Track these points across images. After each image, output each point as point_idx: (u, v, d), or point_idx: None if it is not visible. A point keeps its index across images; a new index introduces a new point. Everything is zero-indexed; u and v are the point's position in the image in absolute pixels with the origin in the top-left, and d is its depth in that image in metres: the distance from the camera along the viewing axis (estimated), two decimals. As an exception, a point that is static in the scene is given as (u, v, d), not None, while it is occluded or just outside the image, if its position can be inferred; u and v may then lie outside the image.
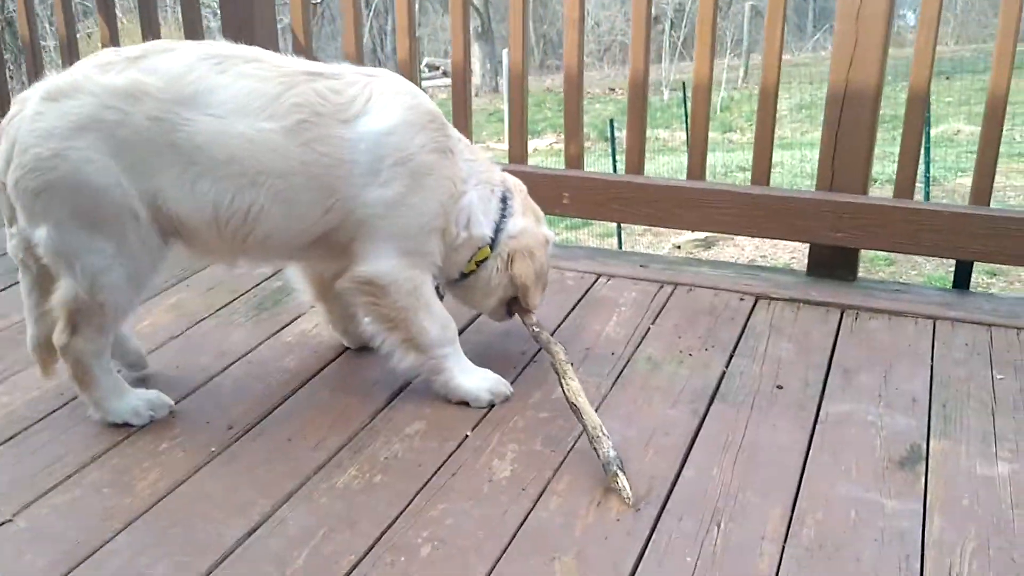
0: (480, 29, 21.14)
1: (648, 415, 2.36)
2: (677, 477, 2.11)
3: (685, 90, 13.72)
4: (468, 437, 2.28)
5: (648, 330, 2.83)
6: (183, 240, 2.29)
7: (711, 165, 10.70)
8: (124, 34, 5.21)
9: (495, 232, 2.48)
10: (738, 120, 16.50)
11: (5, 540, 1.93)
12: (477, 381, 2.43)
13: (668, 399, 2.44)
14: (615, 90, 20.05)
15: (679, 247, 8.74)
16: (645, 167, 3.47)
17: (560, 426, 2.32)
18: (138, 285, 2.25)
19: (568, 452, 2.21)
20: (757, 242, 8.86)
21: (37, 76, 4.38)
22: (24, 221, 2.17)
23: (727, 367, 2.60)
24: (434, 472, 2.14)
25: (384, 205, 2.26)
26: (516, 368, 2.61)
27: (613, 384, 2.52)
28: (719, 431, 2.28)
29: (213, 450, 2.24)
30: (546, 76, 22.66)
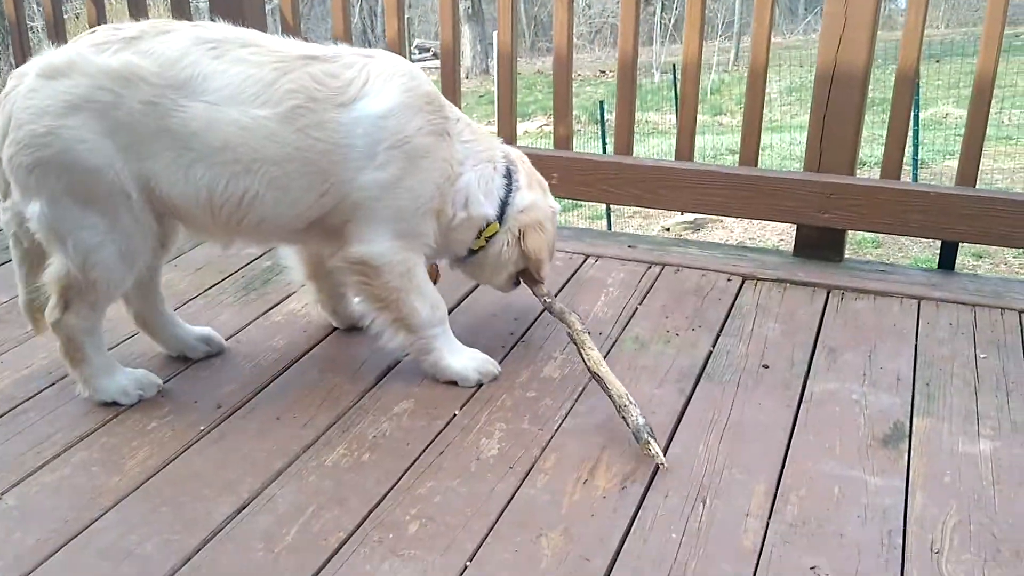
0: (470, 10, 21.03)
1: (635, 394, 2.37)
2: (663, 454, 2.13)
3: (675, 73, 13.70)
4: (456, 416, 2.30)
5: (636, 310, 2.85)
6: (178, 220, 2.29)
7: (700, 148, 10.71)
8: (112, 14, 5.16)
9: (502, 207, 2.47)
10: (728, 103, 16.48)
11: (-6, 518, 1.94)
12: (465, 361, 2.44)
13: (655, 378, 2.46)
14: (606, 72, 19.99)
15: (668, 229, 8.76)
16: (635, 150, 3.47)
17: (547, 405, 2.33)
18: (131, 263, 2.24)
19: (555, 431, 2.23)
20: (745, 224, 8.88)
21: (24, 56, 4.36)
22: (18, 195, 2.17)
23: (714, 347, 2.62)
24: (422, 450, 2.16)
25: (380, 187, 2.26)
26: (504, 348, 2.63)
27: (601, 364, 2.53)
28: (705, 409, 2.30)
29: (202, 429, 2.24)
30: (537, 59, 22.60)
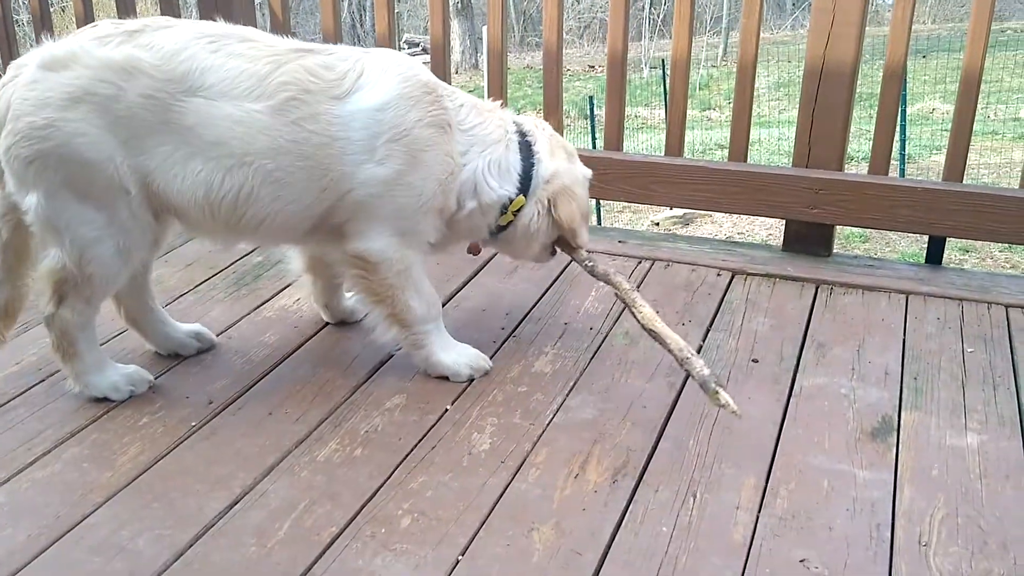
0: (460, 5, 20.96)
1: (626, 389, 2.39)
2: (654, 449, 2.14)
3: (665, 68, 13.71)
4: (448, 411, 2.30)
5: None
6: (178, 220, 2.29)
7: (689, 143, 10.72)
8: (99, 8, 5.13)
9: (524, 181, 2.41)
10: (717, 98, 16.50)
11: (-15, 514, 1.93)
12: (456, 356, 2.45)
13: (645, 373, 2.47)
14: (595, 67, 19.99)
15: (657, 224, 8.77)
16: (624, 145, 3.48)
17: (538, 400, 2.34)
18: (127, 259, 2.24)
19: (547, 425, 2.24)
20: (734, 219, 8.90)
21: (10, 48, 4.34)
22: (14, 187, 2.16)
23: (703, 341, 2.63)
24: (414, 445, 2.16)
25: (381, 183, 2.23)
26: (495, 343, 2.63)
27: (592, 358, 2.54)
28: (695, 404, 2.31)
29: (193, 424, 2.24)
30: (526, 54, 22.56)
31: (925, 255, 3.27)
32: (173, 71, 2.12)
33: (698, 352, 2.54)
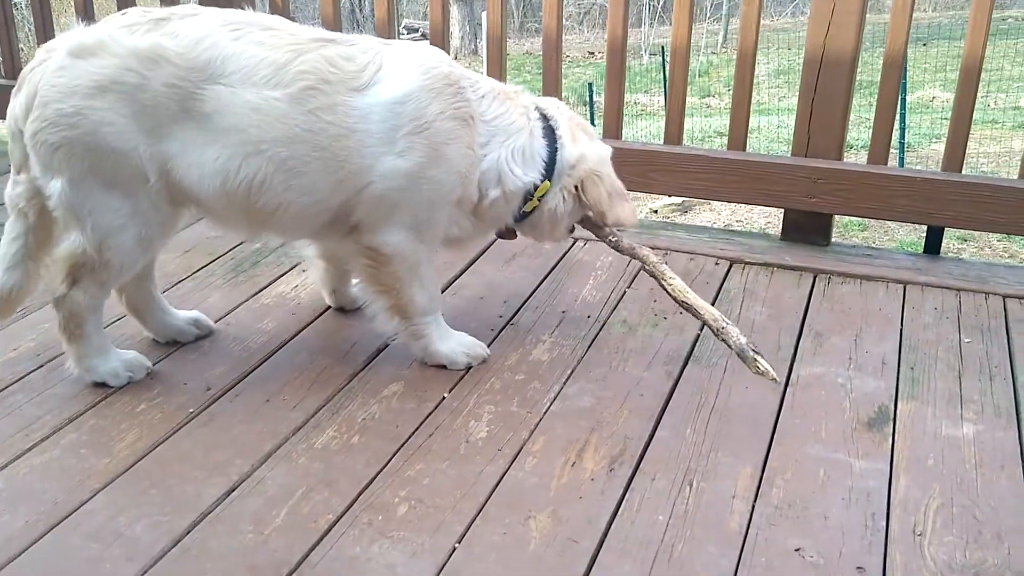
0: (459, -10, 20.86)
1: (623, 377, 2.40)
2: (651, 437, 2.15)
3: (664, 55, 13.67)
4: (445, 398, 2.31)
5: (624, 293, 2.86)
6: (197, 208, 2.29)
7: (688, 130, 10.70)
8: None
9: (549, 167, 2.39)
10: (717, 85, 16.45)
11: (-17, 500, 1.94)
12: (454, 344, 2.45)
13: (643, 361, 2.47)
14: (594, 54, 19.92)
15: (656, 212, 8.76)
16: (623, 132, 3.48)
17: (536, 388, 2.34)
18: (147, 247, 2.26)
19: (544, 413, 2.24)
20: (733, 207, 8.88)
21: (8, 34, 4.32)
22: (39, 171, 2.16)
23: (701, 330, 2.63)
24: (411, 433, 2.17)
25: (402, 176, 2.21)
26: (493, 331, 2.63)
27: (589, 346, 2.55)
28: (692, 392, 2.32)
29: (191, 411, 2.24)
30: (526, 40, 22.47)
31: (923, 244, 3.27)
32: (196, 59, 2.12)
33: (695, 342, 2.55)
